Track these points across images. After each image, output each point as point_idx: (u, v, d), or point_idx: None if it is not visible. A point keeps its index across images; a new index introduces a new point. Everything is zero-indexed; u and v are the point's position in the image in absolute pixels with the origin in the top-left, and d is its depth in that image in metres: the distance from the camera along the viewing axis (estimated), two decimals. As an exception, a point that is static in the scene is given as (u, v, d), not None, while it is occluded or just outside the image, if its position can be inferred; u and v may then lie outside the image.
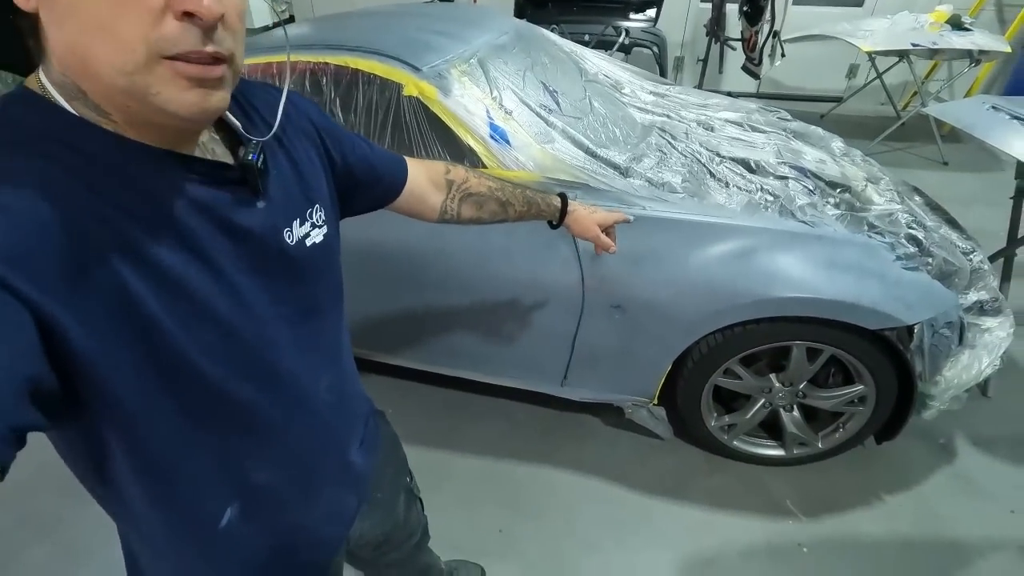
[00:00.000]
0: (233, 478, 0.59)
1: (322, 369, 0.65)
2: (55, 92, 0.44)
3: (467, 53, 1.72)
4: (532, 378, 1.77)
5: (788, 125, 2.22)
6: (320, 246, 0.62)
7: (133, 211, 0.45)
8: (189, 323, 0.48)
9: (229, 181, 0.52)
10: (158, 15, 0.39)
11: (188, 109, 0.43)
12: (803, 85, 5.15)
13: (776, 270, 1.45)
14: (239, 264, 0.52)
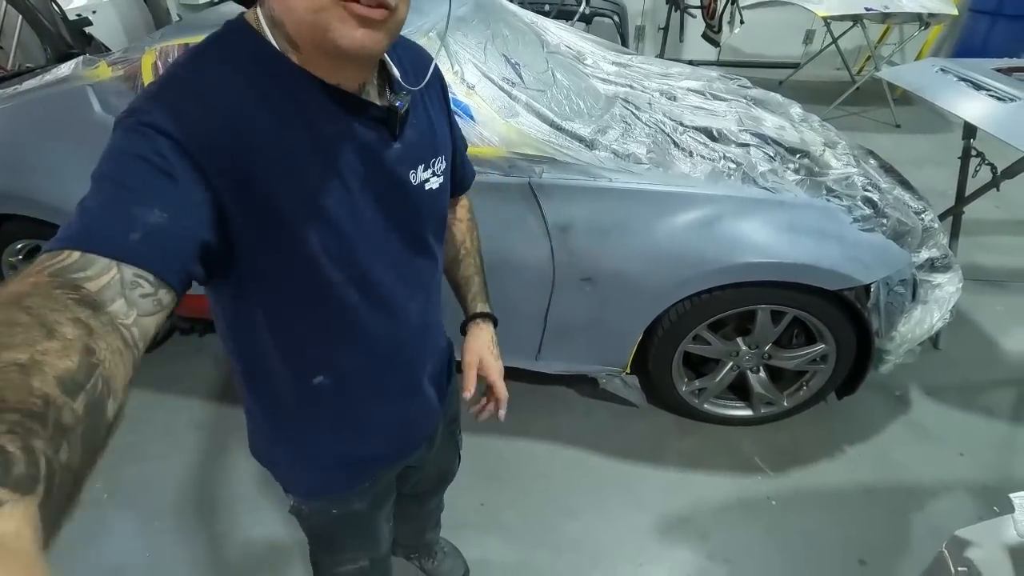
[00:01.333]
0: (326, 355, 0.71)
1: (415, 295, 0.74)
2: (265, 25, 0.55)
3: (425, 26, 1.67)
4: (506, 353, 1.77)
5: (748, 92, 2.24)
6: (436, 192, 0.71)
7: (299, 129, 0.56)
8: (321, 229, 0.59)
9: (375, 120, 0.61)
10: None
11: (352, 43, 0.51)
12: (762, 52, 5.20)
13: (740, 236, 1.49)
14: (367, 190, 0.62)
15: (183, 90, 0.53)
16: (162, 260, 0.46)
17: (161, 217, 0.46)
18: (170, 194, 0.48)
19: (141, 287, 0.44)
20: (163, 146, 0.48)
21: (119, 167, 0.48)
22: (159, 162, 0.48)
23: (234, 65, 0.54)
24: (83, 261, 0.41)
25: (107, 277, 0.42)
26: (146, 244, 0.45)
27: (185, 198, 0.49)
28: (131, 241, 0.44)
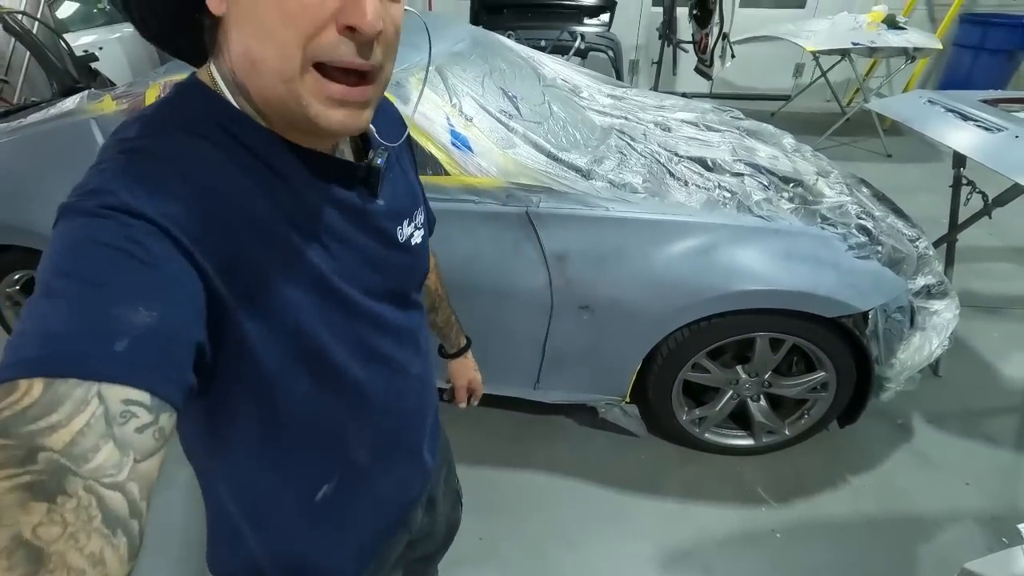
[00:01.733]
0: (336, 453, 0.62)
1: (412, 357, 0.69)
2: (223, 86, 0.48)
3: (424, 61, 1.71)
4: (504, 383, 1.77)
5: (741, 123, 2.29)
6: (421, 246, 0.67)
7: (282, 202, 0.49)
8: (322, 305, 0.52)
9: (357, 180, 0.56)
10: (321, 27, 0.42)
11: (334, 126, 0.46)
12: (753, 85, 5.33)
13: (737, 264, 1.49)
14: (360, 257, 0.57)
15: (152, 164, 0.43)
16: (160, 371, 0.36)
17: (149, 316, 0.36)
18: (155, 287, 0.38)
19: (136, 417, 0.34)
20: (138, 231, 0.39)
21: (84, 260, 0.37)
22: (135, 251, 0.38)
23: (198, 133, 0.46)
24: (49, 397, 0.31)
25: (85, 415, 0.31)
26: (136, 353, 0.35)
27: (173, 291, 0.40)
28: (116, 352, 0.34)
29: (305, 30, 0.42)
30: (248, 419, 0.54)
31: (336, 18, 0.42)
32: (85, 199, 0.40)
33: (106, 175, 0.41)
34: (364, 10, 0.41)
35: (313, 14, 0.42)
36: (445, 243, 1.52)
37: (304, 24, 0.42)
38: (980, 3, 4.74)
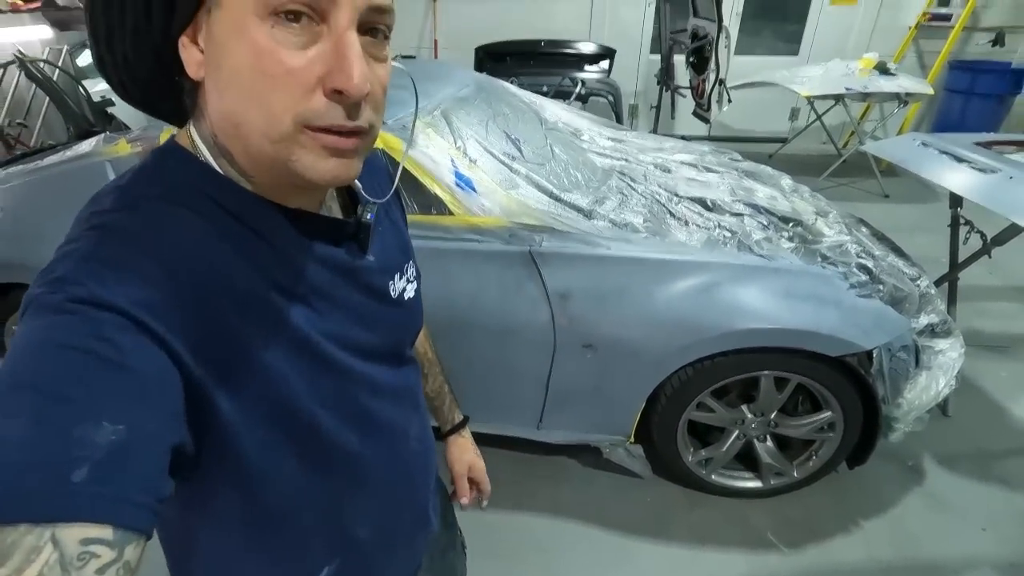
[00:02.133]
0: (334, 533, 0.58)
1: (411, 418, 0.65)
2: (204, 149, 0.46)
3: (430, 105, 1.77)
4: (507, 423, 1.75)
5: (739, 165, 2.33)
6: (414, 300, 0.65)
7: (265, 266, 0.47)
8: (312, 375, 0.49)
9: (345, 237, 0.54)
10: (309, 91, 0.41)
11: (324, 176, 0.44)
12: (750, 128, 5.45)
13: (739, 303, 1.50)
14: (352, 315, 0.54)
15: (122, 244, 0.40)
16: (124, 498, 0.33)
17: (114, 432, 0.33)
18: (124, 393, 0.35)
19: (97, 557, 0.31)
20: (106, 326, 0.36)
21: (46, 369, 0.34)
22: (103, 350, 0.35)
23: (177, 201, 0.44)
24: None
25: (36, 566, 0.29)
26: (96, 483, 0.32)
27: (148, 394, 0.37)
28: (73, 485, 0.31)
29: (292, 94, 0.41)
30: (229, 501, 0.50)
31: (323, 82, 0.41)
32: (51, 291, 0.37)
33: (73, 259, 0.39)
34: (351, 74, 0.40)
35: (299, 79, 0.40)
36: (449, 282, 1.55)
37: (290, 88, 0.40)
38: (967, 51, 4.89)
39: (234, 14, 0.40)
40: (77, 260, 0.39)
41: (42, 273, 0.39)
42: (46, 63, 4.39)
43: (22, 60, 4.11)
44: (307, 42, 0.40)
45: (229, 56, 0.41)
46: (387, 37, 0.45)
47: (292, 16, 0.39)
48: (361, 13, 0.41)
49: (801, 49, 5.23)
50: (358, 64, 0.40)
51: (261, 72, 0.40)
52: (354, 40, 0.41)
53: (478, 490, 0.91)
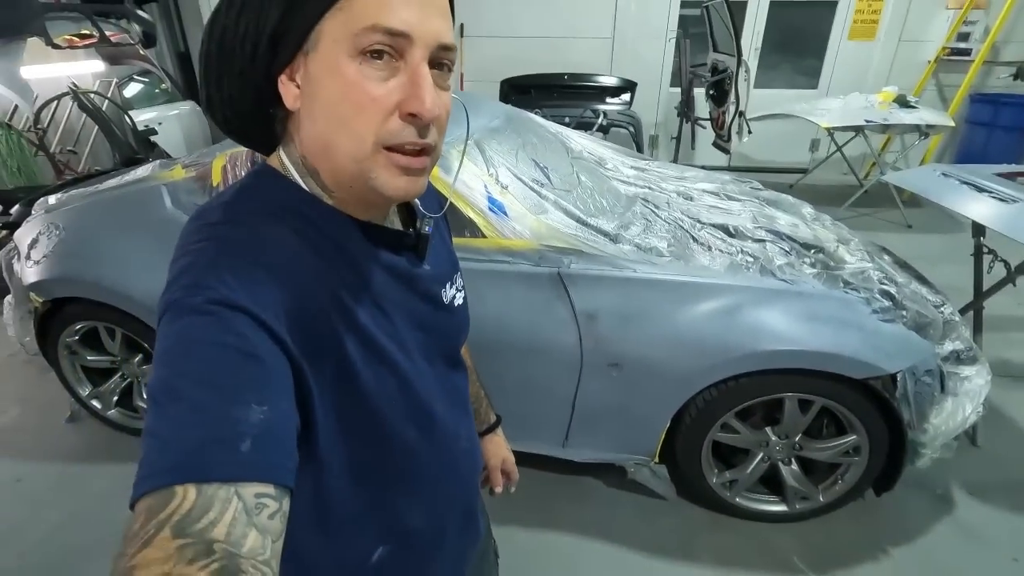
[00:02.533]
0: (388, 520, 0.63)
1: (461, 418, 0.71)
2: (293, 169, 0.54)
3: (465, 135, 1.87)
4: (533, 440, 1.79)
5: (760, 194, 2.39)
6: (463, 307, 0.72)
7: (342, 272, 0.54)
8: (378, 372, 0.55)
9: (406, 247, 0.61)
10: (388, 114, 0.49)
11: (396, 191, 0.51)
12: (771, 158, 5.51)
13: (762, 325, 1.54)
14: (411, 319, 0.60)
15: (238, 253, 0.48)
16: (278, 464, 0.42)
17: (261, 412, 0.41)
18: (262, 381, 0.43)
19: (267, 507, 0.40)
20: (238, 323, 0.44)
21: (199, 362, 0.42)
22: (241, 345, 0.43)
23: (277, 216, 0.52)
24: (202, 501, 0.37)
25: (231, 512, 0.38)
26: (258, 451, 0.40)
27: (276, 381, 0.45)
28: (243, 455, 0.40)
29: (374, 118, 0.48)
30: (302, 481, 0.53)
31: (399, 107, 0.48)
32: (189, 294, 0.44)
33: (201, 267, 0.46)
34: (424, 99, 0.48)
35: (381, 105, 0.48)
36: (480, 301, 1.61)
37: (373, 113, 0.48)
38: (988, 85, 4.93)
39: (329, 55, 0.48)
40: (205, 267, 0.46)
41: (174, 280, 0.47)
42: (96, 94, 4.66)
43: (75, 92, 4.38)
44: (388, 75, 0.48)
45: (324, 89, 0.49)
46: (451, 70, 0.53)
47: (376, 54, 0.47)
48: (432, 50, 0.49)
49: (820, 83, 5.32)
50: (430, 92, 0.48)
51: (350, 101, 0.48)
52: (426, 72, 0.49)
53: (508, 479, 0.99)
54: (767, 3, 5.08)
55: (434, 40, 0.49)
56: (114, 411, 2.17)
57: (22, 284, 1.98)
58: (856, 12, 5.01)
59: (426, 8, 0.48)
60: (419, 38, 0.48)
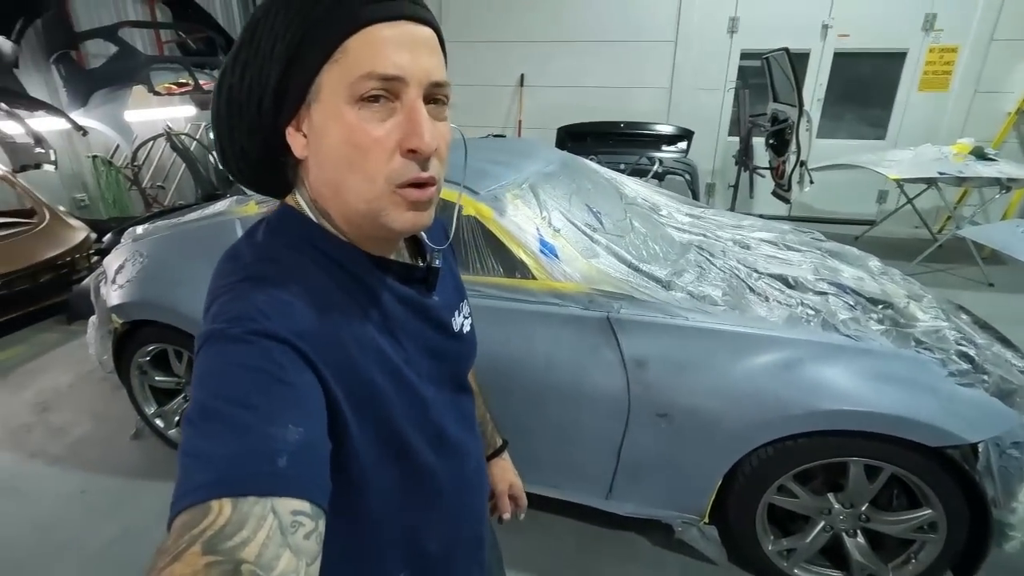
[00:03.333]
0: (411, 545, 0.65)
1: (471, 440, 0.73)
2: (308, 211, 0.58)
3: (520, 179, 1.92)
4: (574, 488, 1.74)
5: (823, 245, 2.30)
6: (471, 333, 0.75)
7: (363, 304, 0.57)
8: (403, 398, 0.58)
9: (416, 279, 0.65)
10: (391, 153, 0.52)
11: (405, 226, 0.54)
12: (834, 209, 5.33)
13: (824, 382, 1.46)
14: (423, 346, 0.64)
15: (274, 289, 0.51)
16: (314, 482, 0.42)
17: (298, 432, 0.42)
18: (296, 404, 0.45)
19: (303, 526, 0.40)
20: (275, 351, 0.46)
21: (236, 385, 0.44)
22: (277, 371, 0.45)
23: (300, 251, 0.56)
24: (237, 516, 0.37)
25: (265, 530, 0.37)
26: (295, 467, 0.41)
27: (312, 406, 0.47)
28: (279, 469, 0.40)
29: (379, 158, 0.51)
30: (336, 509, 0.53)
31: (400, 144, 0.51)
32: (231, 326, 0.47)
33: (243, 301, 0.49)
34: (422, 135, 0.51)
35: (382, 145, 0.51)
36: (527, 343, 1.62)
37: (377, 154, 0.51)
38: (1079, 137, 4.63)
39: (329, 104, 0.51)
40: (246, 302, 0.49)
41: (217, 314, 0.50)
42: (187, 136, 5.09)
43: (169, 134, 4.81)
44: (385, 116, 0.51)
45: (328, 136, 0.52)
46: (446, 104, 0.56)
47: (373, 99, 0.50)
48: (425, 88, 0.52)
49: (888, 133, 5.16)
50: (427, 127, 0.51)
51: (353, 144, 0.51)
52: (422, 108, 0.52)
53: (516, 505, 0.97)
54: (830, 54, 5.03)
55: (426, 78, 0.52)
56: (175, 431, 2.28)
57: (106, 306, 2.15)
58: (927, 63, 4.88)
59: (416, 50, 0.51)
60: (412, 78, 0.51)
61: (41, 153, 3.94)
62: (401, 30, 0.51)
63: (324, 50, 0.50)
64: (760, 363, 1.50)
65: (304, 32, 0.50)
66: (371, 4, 0.50)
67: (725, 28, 5.13)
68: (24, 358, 3.09)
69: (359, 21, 0.50)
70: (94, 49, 4.69)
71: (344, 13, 0.50)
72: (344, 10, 0.50)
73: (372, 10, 0.50)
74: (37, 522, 1.97)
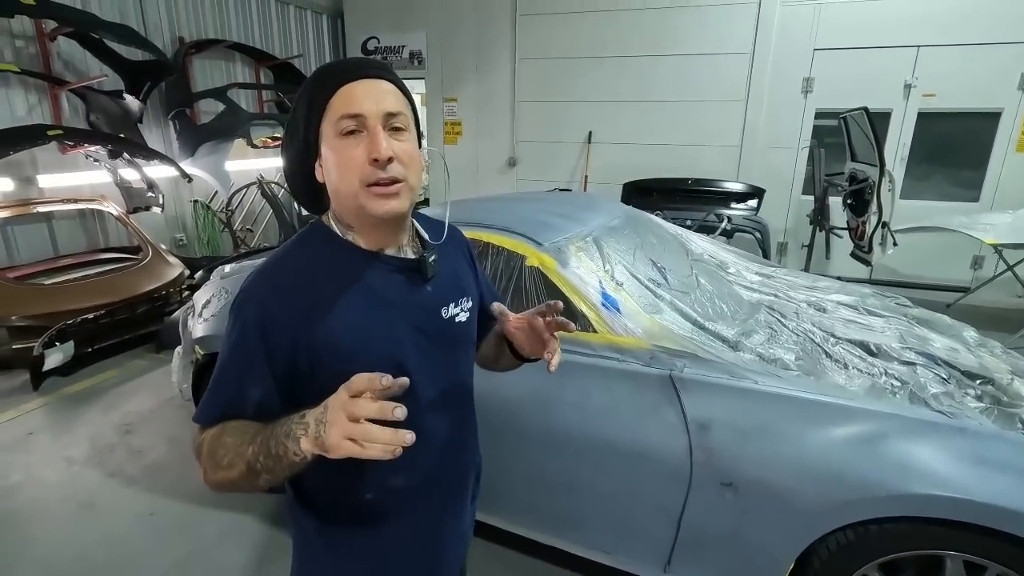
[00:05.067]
0: (378, 475, 0.84)
1: (452, 411, 0.92)
2: (333, 222, 0.85)
3: (584, 232, 1.93)
4: (629, 556, 1.64)
5: (909, 311, 2.15)
6: (464, 323, 0.93)
7: (352, 285, 0.81)
8: (375, 351, 0.80)
9: (411, 270, 0.86)
10: (362, 164, 0.76)
11: (378, 210, 0.78)
12: (921, 273, 4.98)
13: (913, 461, 1.32)
14: (409, 322, 0.84)
15: (273, 274, 0.80)
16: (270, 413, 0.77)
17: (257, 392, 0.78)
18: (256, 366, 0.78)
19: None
20: (249, 330, 0.77)
21: (228, 355, 0.80)
22: (249, 344, 0.77)
23: (307, 246, 0.83)
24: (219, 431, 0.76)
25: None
26: (257, 414, 0.78)
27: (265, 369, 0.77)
28: (248, 415, 0.78)
29: (355, 169, 0.76)
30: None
31: (367, 157, 0.75)
32: (237, 307, 0.79)
33: (245, 291, 0.80)
34: (378, 148, 0.75)
35: (356, 161, 0.76)
36: (583, 395, 1.59)
37: (354, 166, 0.76)
38: None
39: (327, 142, 0.78)
40: (248, 290, 0.80)
41: (242, 287, 0.82)
42: (276, 184, 5.53)
43: (261, 183, 5.24)
44: (358, 142, 0.76)
45: (328, 161, 0.79)
46: (405, 129, 0.79)
47: (350, 132, 0.76)
48: (382, 119, 0.77)
49: (982, 195, 4.82)
50: (383, 143, 0.75)
51: (339, 163, 0.77)
52: (380, 131, 0.76)
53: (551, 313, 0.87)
54: (914, 113, 4.83)
55: (382, 111, 0.77)
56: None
57: (191, 337, 2.31)
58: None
59: (376, 95, 0.77)
60: (369, 113, 0.76)
61: (152, 197, 4.41)
62: (364, 85, 0.77)
63: (320, 109, 0.78)
64: (838, 435, 1.39)
65: (310, 102, 0.79)
66: (344, 73, 0.78)
67: (799, 88, 5.07)
68: (116, 382, 3.35)
69: (336, 84, 0.77)
70: (205, 107, 5.26)
71: (329, 83, 0.78)
72: (329, 81, 0.78)
73: (345, 76, 0.78)
74: (108, 538, 2.08)
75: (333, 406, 0.63)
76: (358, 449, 0.60)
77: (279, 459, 0.68)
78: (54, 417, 2.95)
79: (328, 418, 0.62)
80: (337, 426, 0.61)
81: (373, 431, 0.60)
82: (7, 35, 3.79)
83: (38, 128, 3.56)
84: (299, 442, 0.66)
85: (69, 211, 4.21)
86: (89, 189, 4.28)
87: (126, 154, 4.12)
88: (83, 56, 4.20)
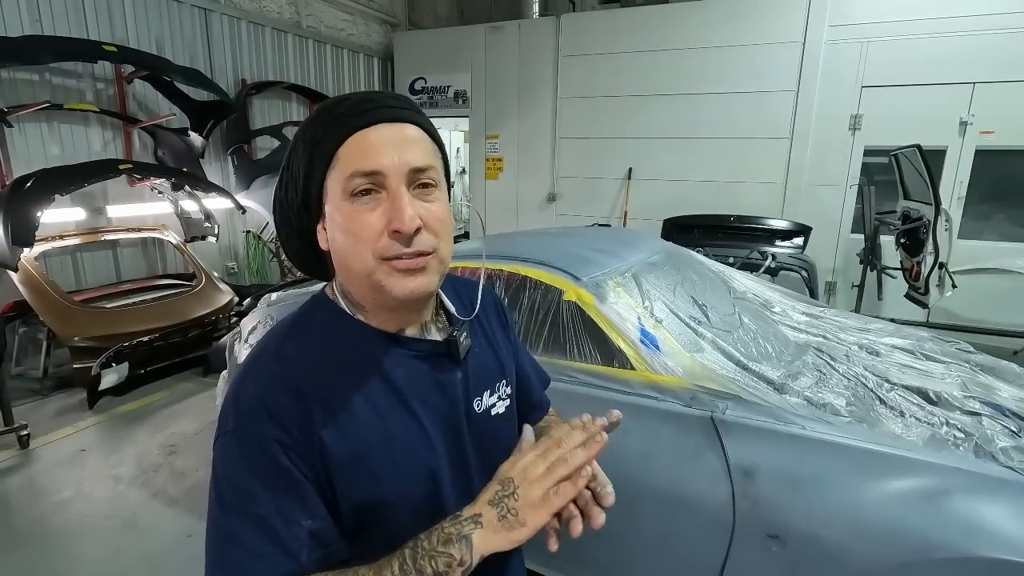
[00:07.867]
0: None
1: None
2: (339, 296, 0.69)
3: (623, 267, 1.92)
4: (669, 611, 1.55)
5: (972, 357, 2.02)
6: (502, 416, 0.76)
7: (368, 380, 0.65)
8: (402, 480, 0.65)
9: (437, 354, 0.69)
10: (379, 234, 0.61)
11: (401, 291, 0.62)
12: (984, 317, 4.69)
13: (980, 522, 1.22)
14: (438, 422, 0.68)
15: (275, 372, 0.63)
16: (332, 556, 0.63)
17: (308, 526, 0.61)
18: (299, 496, 0.61)
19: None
20: (269, 445, 0.61)
21: (247, 477, 0.63)
22: (275, 464, 0.61)
23: (308, 331, 0.66)
24: None
25: None
26: (311, 559, 0.61)
27: (306, 489, 0.61)
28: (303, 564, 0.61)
29: (370, 239, 0.60)
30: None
31: (387, 226, 0.60)
32: (238, 424, 0.63)
33: (247, 391, 0.62)
34: (402, 218, 0.59)
35: (372, 229, 0.60)
36: (621, 436, 1.53)
37: (368, 236, 0.60)
38: None
39: (334, 203, 0.62)
40: (249, 392, 0.64)
41: (226, 400, 0.67)
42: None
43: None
44: (375, 206, 0.61)
45: (333, 227, 0.63)
46: (435, 185, 0.63)
47: (364, 192, 0.61)
48: (407, 176, 0.61)
49: (1050, 236, 4.55)
50: (408, 211, 0.60)
51: (348, 231, 0.61)
52: (404, 193, 0.60)
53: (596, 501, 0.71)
54: (971, 151, 4.65)
55: (406, 167, 0.61)
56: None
57: (237, 362, 2.38)
58: (1096, 161, 4.34)
59: (397, 145, 0.61)
60: (391, 170, 0.60)
61: (208, 227, 4.64)
62: (381, 132, 0.61)
63: (325, 161, 0.62)
64: (896, 489, 1.30)
65: (312, 151, 0.62)
66: (355, 116, 0.61)
67: (847, 125, 4.97)
68: (164, 403, 3.47)
69: (345, 132, 0.61)
70: (261, 143, 5.56)
71: (335, 129, 0.61)
72: (335, 127, 0.61)
73: (356, 121, 0.61)
74: (147, 557, 2.12)
75: (519, 473, 0.59)
76: (558, 501, 0.57)
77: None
78: (105, 435, 3.07)
79: (518, 485, 0.58)
80: (538, 483, 0.57)
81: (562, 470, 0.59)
82: (90, 78, 4.14)
83: (111, 162, 3.84)
84: (470, 541, 0.57)
85: (133, 239, 4.48)
86: (152, 219, 4.56)
87: (187, 187, 4.38)
88: (155, 97, 4.53)
